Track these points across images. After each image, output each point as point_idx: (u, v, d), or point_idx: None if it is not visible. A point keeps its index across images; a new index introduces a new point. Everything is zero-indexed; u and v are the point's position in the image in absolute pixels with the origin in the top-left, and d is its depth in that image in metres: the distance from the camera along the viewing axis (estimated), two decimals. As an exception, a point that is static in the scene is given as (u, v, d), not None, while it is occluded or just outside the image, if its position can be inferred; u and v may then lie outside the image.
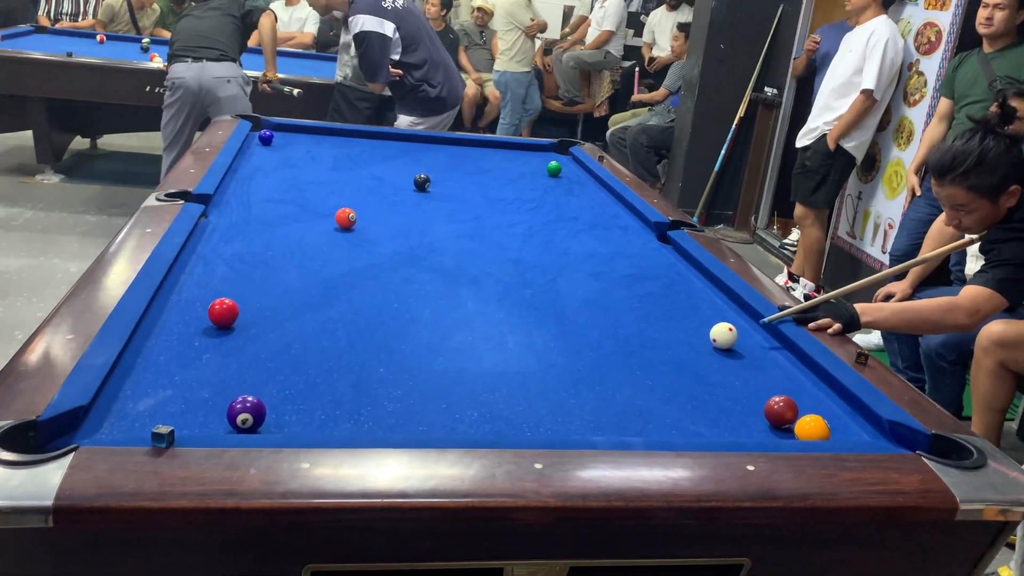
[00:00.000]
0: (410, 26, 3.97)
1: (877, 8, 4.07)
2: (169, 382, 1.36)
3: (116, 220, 4.64)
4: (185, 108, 4.32)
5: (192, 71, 4.22)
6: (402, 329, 1.67)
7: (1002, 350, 2.61)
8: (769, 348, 1.75)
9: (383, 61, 3.89)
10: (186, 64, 4.24)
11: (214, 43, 4.30)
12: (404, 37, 3.93)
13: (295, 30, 6.68)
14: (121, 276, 1.69)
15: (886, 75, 4.02)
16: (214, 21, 4.39)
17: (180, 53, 4.27)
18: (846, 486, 1.20)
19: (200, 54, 4.25)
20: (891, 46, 3.98)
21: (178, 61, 4.27)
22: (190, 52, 4.26)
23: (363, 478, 1.11)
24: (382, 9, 3.89)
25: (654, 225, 2.50)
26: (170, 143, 4.41)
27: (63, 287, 3.64)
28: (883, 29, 4.01)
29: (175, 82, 4.27)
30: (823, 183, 4.28)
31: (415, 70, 3.99)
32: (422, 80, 4.01)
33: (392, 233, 2.29)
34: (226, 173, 2.59)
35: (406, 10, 4.00)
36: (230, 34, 4.39)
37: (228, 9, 4.47)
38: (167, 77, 4.33)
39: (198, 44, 4.28)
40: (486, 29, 7.12)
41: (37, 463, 1.05)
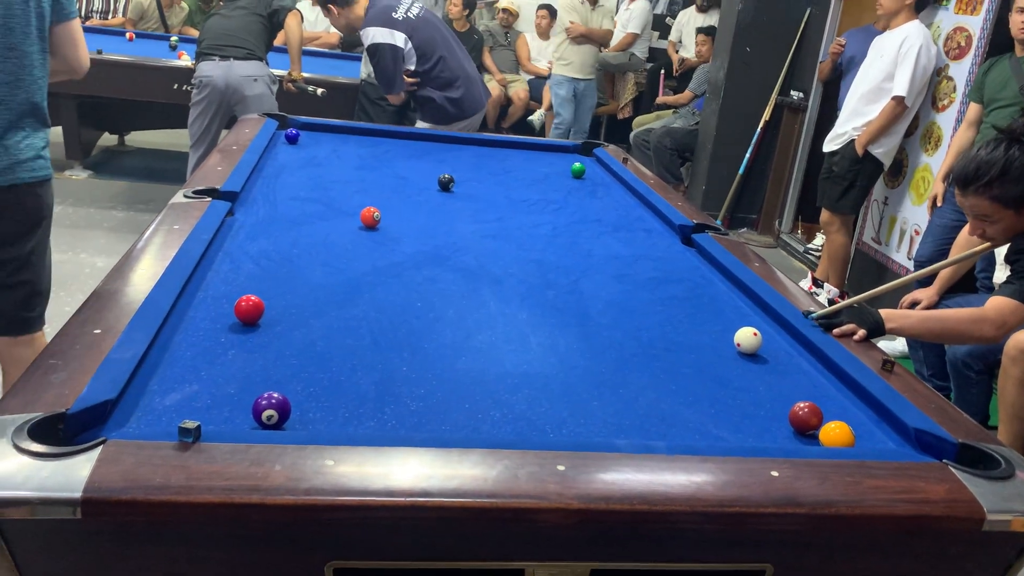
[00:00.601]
0: (424, 35, 3.92)
1: (909, 13, 4.02)
2: (195, 377, 1.38)
3: (143, 216, 4.70)
4: (212, 106, 4.36)
5: (220, 70, 4.26)
6: (425, 328, 1.68)
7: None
8: (793, 353, 1.74)
9: (396, 72, 3.89)
10: (213, 63, 4.28)
11: (242, 41, 4.34)
12: (418, 47, 3.89)
13: (321, 30, 6.72)
14: (149, 272, 1.70)
15: (918, 82, 3.97)
16: (241, 20, 4.43)
17: (208, 52, 4.32)
18: (871, 494, 1.19)
19: (228, 52, 4.29)
20: (924, 52, 3.94)
21: (206, 59, 4.31)
22: (217, 51, 4.30)
23: (386, 476, 1.11)
24: (392, 20, 3.86)
25: (678, 228, 2.49)
26: (196, 141, 4.45)
27: (91, 281, 3.68)
28: (916, 35, 3.96)
29: (202, 80, 4.31)
30: (850, 189, 4.25)
31: (431, 80, 3.97)
32: (439, 89, 3.99)
33: (416, 232, 2.29)
34: (253, 171, 2.61)
35: (420, 19, 3.95)
36: (257, 33, 4.43)
37: (255, 8, 4.51)
38: (194, 75, 4.37)
39: (226, 43, 4.32)
40: (511, 30, 7.13)
41: (66, 455, 1.06)
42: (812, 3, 5.46)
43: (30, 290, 2.18)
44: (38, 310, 2.23)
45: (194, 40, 6.21)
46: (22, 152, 2.03)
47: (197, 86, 4.36)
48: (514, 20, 7.12)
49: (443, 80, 3.96)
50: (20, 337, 2.20)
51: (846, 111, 4.28)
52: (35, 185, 2.09)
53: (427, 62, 3.91)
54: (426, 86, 3.97)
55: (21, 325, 2.20)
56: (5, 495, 1.01)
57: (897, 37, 4.01)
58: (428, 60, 3.91)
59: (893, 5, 4.05)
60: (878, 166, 4.23)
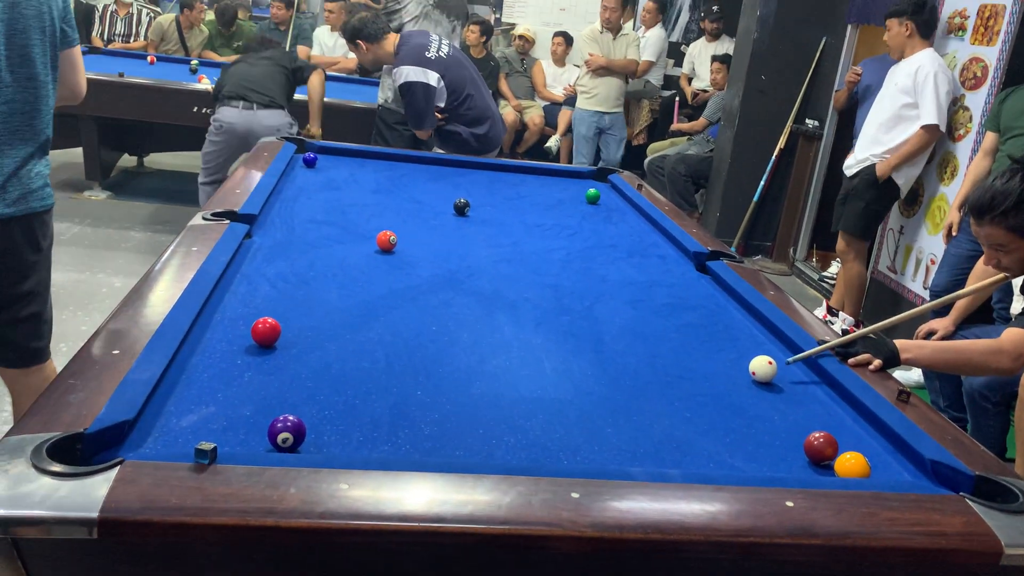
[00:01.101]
0: (455, 74, 4.00)
1: (919, 42, 4.05)
2: (212, 399, 1.39)
3: (161, 237, 4.74)
4: (228, 150, 4.42)
5: (242, 118, 4.29)
6: (440, 352, 1.68)
7: None
8: (809, 383, 1.73)
9: (428, 110, 3.95)
10: (236, 110, 4.30)
11: (266, 89, 4.38)
12: (449, 85, 3.97)
13: (340, 55, 6.80)
14: (167, 293, 1.72)
15: (944, 106, 3.97)
16: (266, 69, 4.49)
17: (230, 96, 4.34)
18: (887, 526, 1.18)
19: (251, 99, 4.32)
20: (941, 78, 3.95)
21: (227, 104, 4.33)
22: (240, 97, 4.33)
23: (400, 501, 1.11)
24: (426, 60, 3.92)
25: (693, 255, 2.50)
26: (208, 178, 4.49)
27: (108, 301, 3.71)
28: (929, 62, 3.97)
29: (222, 125, 4.33)
30: (864, 210, 4.25)
31: (459, 116, 4.04)
32: (466, 125, 4.06)
33: (432, 256, 2.31)
34: (271, 194, 2.64)
35: (451, 58, 4.03)
36: (281, 83, 4.49)
37: (280, 60, 4.59)
38: (214, 117, 4.40)
39: (249, 88, 4.35)
40: (527, 57, 7.18)
41: (84, 475, 1.07)
42: (827, 32, 5.48)
43: (39, 320, 2.19)
44: (46, 339, 2.24)
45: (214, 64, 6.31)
46: (33, 181, 2.05)
47: (216, 130, 4.38)
48: (530, 47, 7.18)
49: (470, 117, 4.05)
50: (31, 368, 2.21)
51: (864, 139, 4.29)
52: (43, 213, 2.11)
53: (456, 99, 4.00)
54: (453, 121, 4.03)
55: (32, 356, 2.21)
56: (23, 514, 1.02)
57: (911, 66, 4.03)
58: (458, 97, 4.00)
59: (897, 43, 4.12)
60: (894, 192, 4.23)
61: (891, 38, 4.12)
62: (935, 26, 4.12)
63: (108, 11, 7.09)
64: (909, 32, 4.04)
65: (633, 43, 6.31)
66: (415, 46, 3.96)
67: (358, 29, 4.00)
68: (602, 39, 6.18)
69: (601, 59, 6.12)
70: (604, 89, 6.21)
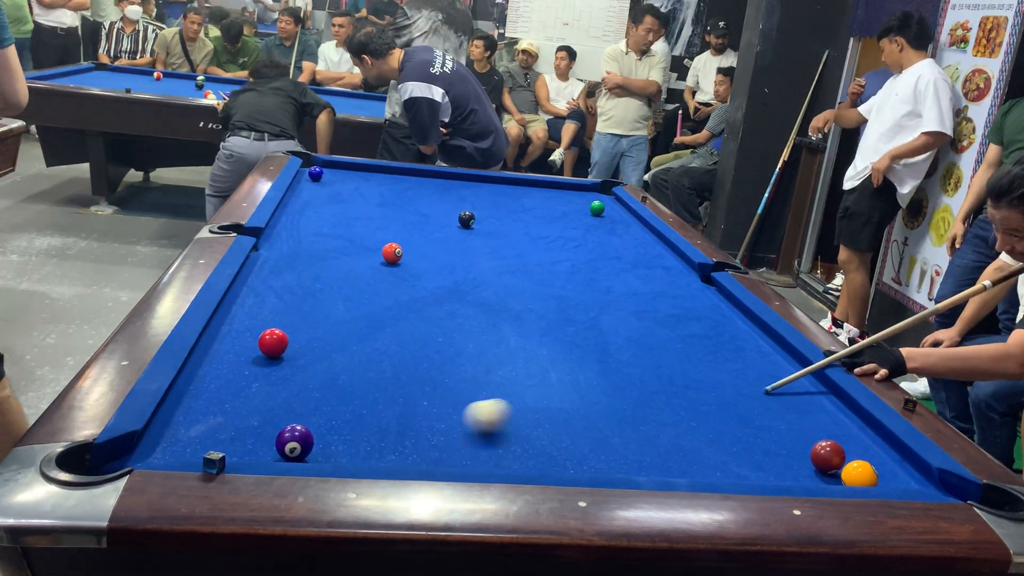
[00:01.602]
0: (459, 90, 4.03)
1: (914, 54, 4.07)
2: (220, 409, 1.39)
3: (167, 251, 4.76)
4: (236, 176, 4.41)
5: (253, 148, 4.27)
6: (446, 363, 1.69)
7: None
8: (815, 392, 1.73)
9: (432, 125, 3.98)
10: (247, 141, 4.29)
11: (276, 120, 4.37)
12: (453, 100, 3.99)
13: (345, 70, 6.84)
14: (174, 305, 1.73)
15: (947, 112, 3.98)
16: (276, 100, 4.48)
17: (240, 126, 4.35)
18: (895, 534, 1.18)
19: (262, 129, 4.31)
20: (942, 85, 3.97)
21: (238, 135, 4.33)
22: (251, 128, 4.33)
23: (408, 510, 1.11)
24: (431, 75, 3.94)
25: (697, 266, 2.50)
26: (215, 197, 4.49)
27: (114, 315, 3.73)
28: (928, 71, 4.00)
29: (232, 154, 4.33)
30: (867, 224, 4.25)
31: (463, 131, 4.08)
32: (471, 140, 4.10)
33: (437, 268, 2.32)
34: (277, 207, 2.65)
35: (455, 74, 4.05)
36: (291, 115, 4.49)
37: (290, 92, 4.59)
38: (224, 144, 4.39)
39: (260, 119, 4.35)
40: (530, 71, 7.22)
41: (93, 485, 1.08)
42: (830, 45, 5.50)
43: None
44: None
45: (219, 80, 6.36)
46: None
47: (226, 158, 4.36)
48: (534, 61, 7.21)
49: (475, 131, 4.07)
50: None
51: (864, 150, 4.29)
52: None
53: (461, 114, 4.03)
54: (458, 136, 4.05)
55: None
56: (32, 523, 1.02)
57: (911, 76, 4.05)
58: (462, 112, 4.03)
59: (893, 60, 4.14)
60: (895, 203, 4.23)
61: (887, 56, 4.17)
62: (928, 35, 4.14)
63: (114, 28, 7.15)
64: (901, 48, 4.07)
65: (657, 65, 5.99)
66: (420, 62, 3.99)
67: (363, 44, 4.03)
68: (625, 60, 5.91)
69: (617, 77, 5.82)
70: (621, 111, 5.88)
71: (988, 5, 4.01)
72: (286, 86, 4.63)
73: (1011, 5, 3.86)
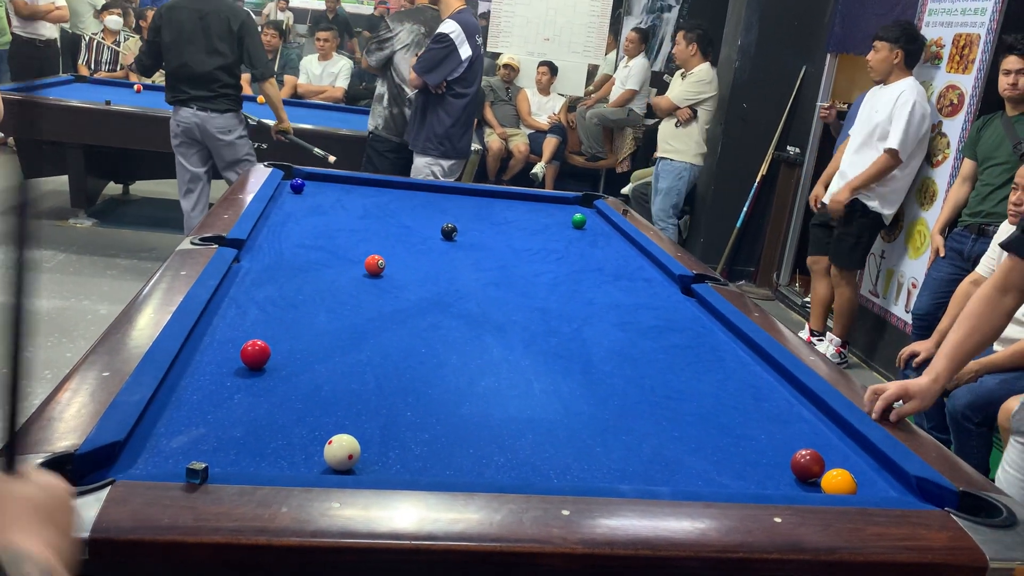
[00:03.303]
0: (476, 69, 4.34)
1: (902, 71, 4.11)
2: (202, 420, 1.39)
3: (146, 264, 4.73)
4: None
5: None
6: (429, 374, 1.69)
7: None
8: (795, 402, 1.75)
9: (441, 67, 4.16)
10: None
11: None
12: (468, 70, 4.24)
13: (327, 84, 6.84)
14: (156, 316, 1.72)
15: (912, 136, 4.03)
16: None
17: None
18: (874, 541, 1.19)
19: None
20: (919, 107, 4.01)
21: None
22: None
23: (392, 520, 1.12)
24: (473, 38, 4.23)
25: (678, 278, 2.52)
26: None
27: (92, 328, 3.70)
28: (911, 90, 4.03)
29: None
30: (857, 246, 4.31)
31: (457, 100, 4.27)
32: (456, 114, 4.27)
33: (420, 280, 2.32)
34: (259, 219, 2.65)
35: (480, 58, 4.37)
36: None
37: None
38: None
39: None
40: (512, 85, 7.26)
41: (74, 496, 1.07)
42: (807, 61, 5.58)
43: None
44: None
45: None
46: None
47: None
48: (515, 75, 7.25)
49: (464, 109, 4.31)
50: None
51: (843, 165, 4.35)
52: None
53: (464, 85, 4.28)
54: (450, 104, 4.25)
55: None
56: (13, 534, 1.01)
57: (893, 92, 4.08)
58: (466, 86, 4.29)
59: (882, 67, 4.13)
60: (878, 221, 4.29)
61: (878, 60, 4.12)
62: (918, 60, 4.19)
63: (94, 40, 7.12)
64: (898, 59, 4.07)
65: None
66: (472, 23, 4.28)
67: None
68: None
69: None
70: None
71: (961, 23, 4.09)
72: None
73: (983, 23, 3.93)
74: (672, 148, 5.68)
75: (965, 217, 3.71)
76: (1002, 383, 2.82)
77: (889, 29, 4.11)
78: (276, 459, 1.29)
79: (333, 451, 1.27)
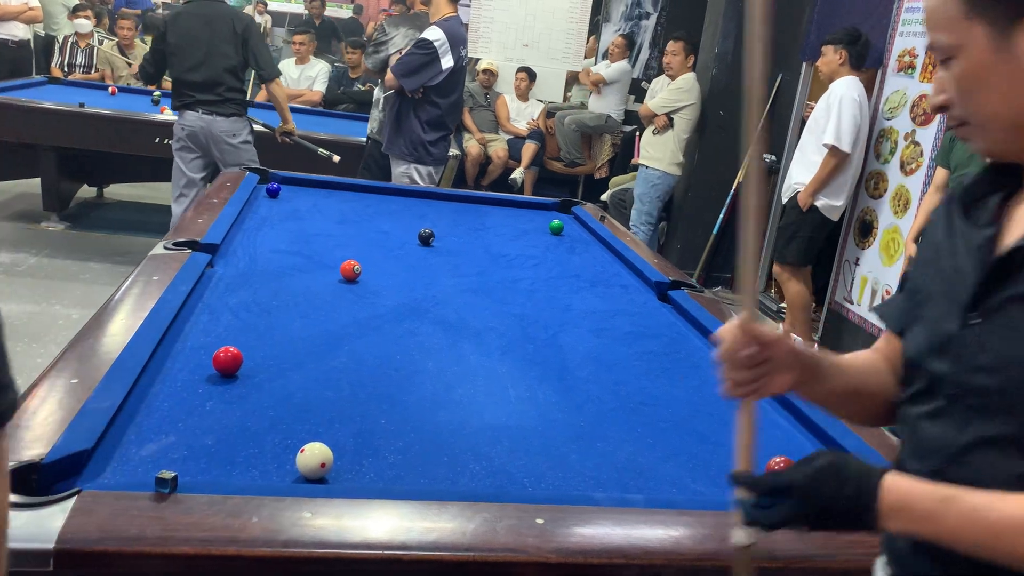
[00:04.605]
0: (456, 79, 4.30)
1: (847, 71, 4.23)
2: (173, 428, 1.37)
3: (120, 268, 4.67)
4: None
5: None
6: (404, 381, 1.68)
7: None
8: (769, 409, 1.76)
9: (419, 74, 4.11)
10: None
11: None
12: (447, 79, 4.19)
13: (304, 87, 6.80)
14: (127, 322, 1.70)
15: (847, 128, 4.13)
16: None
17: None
18: (848, 548, 1.19)
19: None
20: (847, 103, 4.12)
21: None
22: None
23: (365, 529, 1.11)
24: (458, 48, 4.17)
25: (654, 284, 2.53)
26: None
27: (64, 333, 3.64)
28: (840, 88, 4.17)
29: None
30: (792, 239, 4.41)
31: (433, 107, 4.22)
32: (431, 121, 4.22)
33: (396, 286, 2.31)
34: (233, 224, 2.62)
35: (462, 69, 4.34)
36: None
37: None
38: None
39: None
40: (490, 91, 7.26)
41: (39, 506, 1.05)
42: (783, 69, 5.62)
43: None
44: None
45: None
46: None
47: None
48: (494, 81, 7.25)
49: (441, 118, 4.26)
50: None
51: (793, 163, 4.50)
52: None
53: (442, 95, 4.23)
54: (427, 108, 4.21)
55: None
56: (-24, 546, 0.99)
57: (828, 93, 4.26)
58: (444, 95, 4.24)
59: (828, 69, 4.29)
60: (823, 219, 4.35)
61: (825, 64, 4.31)
62: (865, 60, 4.30)
63: (68, 42, 7.04)
64: (842, 60, 4.22)
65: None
66: (458, 33, 4.23)
67: None
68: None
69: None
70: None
71: (934, 33, 4.14)
72: None
73: (956, 33, 3.98)
74: (649, 155, 5.76)
75: (938, 225, 3.76)
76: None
77: (834, 33, 4.31)
78: (248, 468, 1.28)
79: (305, 459, 1.25)
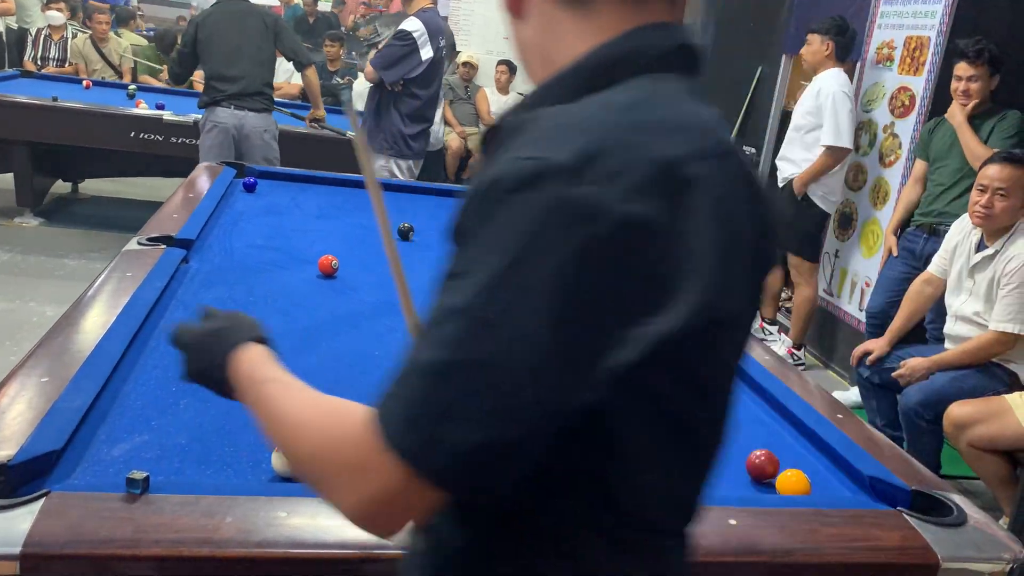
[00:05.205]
0: (435, 71, 4.31)
1: (830, 62, 4.21)
2: (145, 427, 1.34)
3: (95, 264, 4.61)
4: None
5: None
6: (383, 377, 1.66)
7: (962, 431, 2.66)
8: (750, 403, 1.75)
9: (399, 66, 4.11)
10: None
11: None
12: (426, 71, 4.20)
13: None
14: (99, 320, 1.67)
15: (845, 125, 4.11)
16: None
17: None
18: (828, 541, 1.19)
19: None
20: (840, 98, 4.10)
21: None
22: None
23: (341, 528, 1.08)
24: (436, 39, 4.18)
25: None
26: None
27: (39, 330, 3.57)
28: (829, 83, 4.13)
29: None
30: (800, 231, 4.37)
31: (412, 100, 4.22)
32: (411, 114, 4.22)
33: (375, 281, 2.28)
34: (209, 219, 2.59)
35: (441, 60, 4.35)
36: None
37: None
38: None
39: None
40: (470, 84, 7.23)
41: (6, 508, 1.03)
42: (763, 62, 5.64)
43: None
44: None
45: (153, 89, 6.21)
46: None
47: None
48: (474, 74, 7.23)
49: (419, 111, 4.28)
50: None
51: (782, 154, 4.50)
52: None
53: (421, 87, 4.24)
54: (407, 101, 4.21)
55: None
56: (-61, 550, 0.97)
57: (815, 87, 4.22)
58: (423, 87, 4.25)
59: (814, 59, 4.26)
60: (822, 213, 4.33)
61: (810, 53, 4.26)
62: (851, 51, 4.28)
63: (41, 35, 6.93)
64: (828, 51, 4.18)
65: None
66: (437, 25, 4.25)
67: None
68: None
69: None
70: None
71: (912, 25, 4.15)
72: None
73: (933, 25, 4.00)
74: None
75: (917, 217, 3.77)
76: (952, 380, 2.86)
77: (822, 22, 4.25)
78: (222, 467, 1.26)
79: (281, 458, 1.23)
